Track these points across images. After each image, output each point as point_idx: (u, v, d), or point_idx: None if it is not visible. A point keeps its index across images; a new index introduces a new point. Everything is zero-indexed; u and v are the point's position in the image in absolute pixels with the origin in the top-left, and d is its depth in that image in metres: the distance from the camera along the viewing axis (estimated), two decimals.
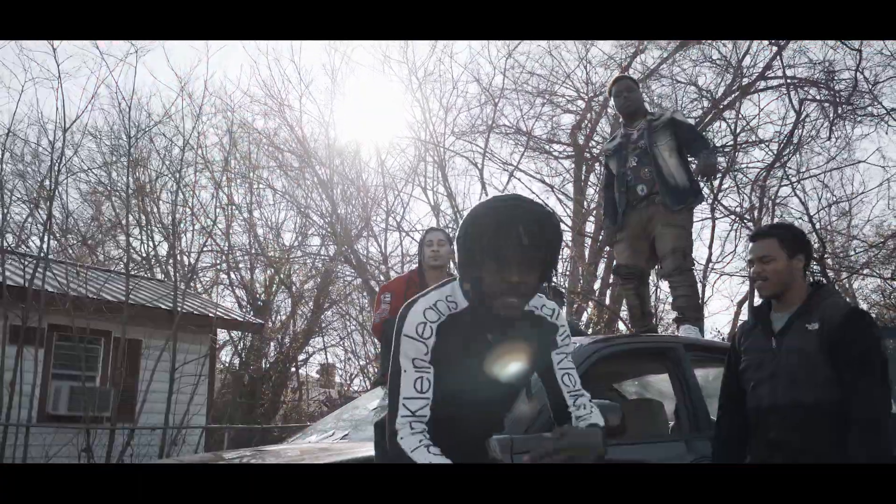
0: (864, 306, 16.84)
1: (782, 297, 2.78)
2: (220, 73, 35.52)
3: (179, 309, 9.15)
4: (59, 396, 8.36)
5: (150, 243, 20.04)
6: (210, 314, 10.32)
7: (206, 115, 19.34)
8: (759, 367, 2.76)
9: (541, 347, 2.18)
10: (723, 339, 16.47)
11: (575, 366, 2.23)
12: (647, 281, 4.94)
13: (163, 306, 9.57)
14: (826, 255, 13.61)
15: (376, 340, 8.09)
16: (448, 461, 2.00)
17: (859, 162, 14.75)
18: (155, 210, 20.28)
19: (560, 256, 2.25)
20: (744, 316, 16.72)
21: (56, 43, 8.68)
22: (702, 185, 5.07)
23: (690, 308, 4.44)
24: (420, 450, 2.01)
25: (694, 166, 4.98)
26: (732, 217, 14.96)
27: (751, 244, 2.91)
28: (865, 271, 14.49)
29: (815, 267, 14.05)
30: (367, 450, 3.05)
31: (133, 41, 9.30)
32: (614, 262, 5.30)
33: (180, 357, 9.04)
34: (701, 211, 17.49)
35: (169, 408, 8.77)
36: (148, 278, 13.02)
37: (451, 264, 4.88)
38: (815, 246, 14.04)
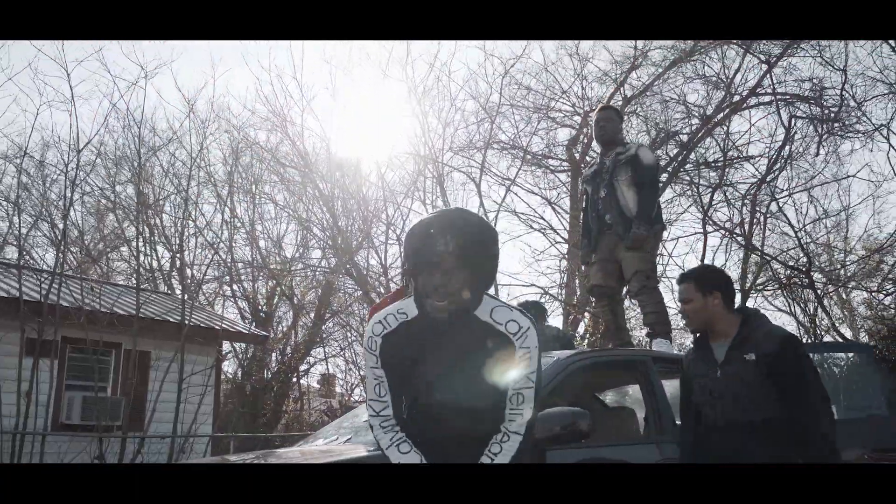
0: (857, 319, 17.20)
1: (713, 330, 3.25)
2: (224, 90, 35.85)
3: (187, 322, 9.53)
4: (73, 406, 8.73)
5: (154, 255, 20.44)
6: (216, 327, 10.70)
7: (211, 134, 19.90)
8: (706, 392, 3.19)
9: (497, 360, 2.25)
10: None
11: (539, 384, 2.28)
12: (619, 299, 5.35)
13: (171, 319, 9.95)
14: (813, 270, 13.97)
15: None
16: (418, 458, 2.21)
17: (847, 177, 15.20)
18: (159, 223, 20.70)
19: (494, 264, 2.30)
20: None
21: (70, 66, 9.08)
22: (661, 216, 5.39)
23: (659, 323, 4.85)
24: (391, 448, 2.27)
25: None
26: (722, 231, 15.37)
27: (676, 288, 3.45)
28: (852, 284, 14.86)
29: (803, 279, 14.41)
30: (367, 451, 3.43)
31: (142, 64, 9.68)
32: (588, 283, 5.71)
33: (188, 368, 9.40)
34: (692, 224, 17.76)
35: (177, 417, 9.13)
36: (156, 292, 13.41)
37: None
38: (803, 260, 14.44)
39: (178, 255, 17.89)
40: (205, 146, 17.88)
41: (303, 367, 21.51)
